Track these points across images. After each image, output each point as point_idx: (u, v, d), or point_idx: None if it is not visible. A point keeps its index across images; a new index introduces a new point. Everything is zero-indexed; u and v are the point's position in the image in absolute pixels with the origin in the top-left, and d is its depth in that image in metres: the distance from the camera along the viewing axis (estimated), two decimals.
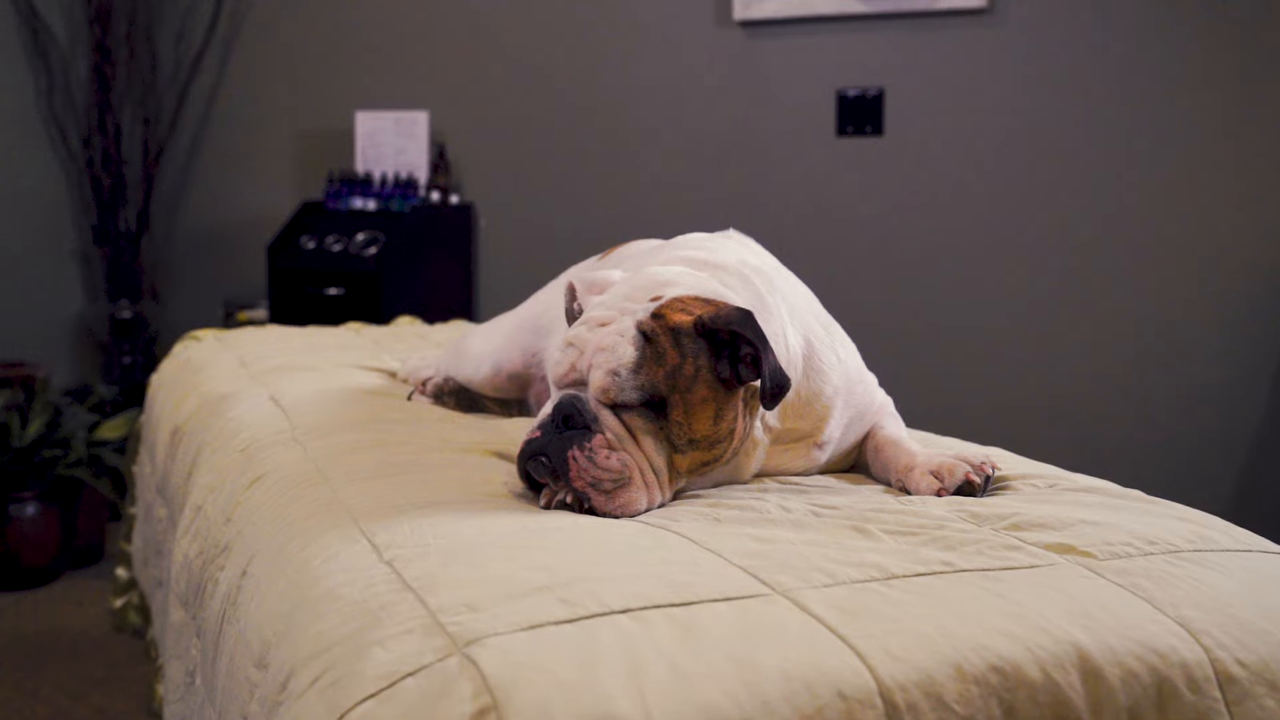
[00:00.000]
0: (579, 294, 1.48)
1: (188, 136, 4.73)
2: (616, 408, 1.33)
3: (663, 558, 1.14)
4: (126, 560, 2.72)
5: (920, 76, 3.71)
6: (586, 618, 1.00)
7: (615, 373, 1.32)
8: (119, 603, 2.73)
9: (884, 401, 1.62)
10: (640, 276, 1.45)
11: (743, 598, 1.05)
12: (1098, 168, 3.52)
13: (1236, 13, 3.34)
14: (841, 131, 3.82)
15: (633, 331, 1.34)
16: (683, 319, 1.35)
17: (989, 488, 1.44)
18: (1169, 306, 3.47)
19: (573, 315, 1.50)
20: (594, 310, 1.41)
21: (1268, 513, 3.31)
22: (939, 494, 1.41)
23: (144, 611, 2.61)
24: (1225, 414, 3.43)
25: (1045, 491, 1.42)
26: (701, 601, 1.03)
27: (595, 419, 1.33)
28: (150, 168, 4.62)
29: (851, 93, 3.79)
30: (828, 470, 1.57)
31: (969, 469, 1.42)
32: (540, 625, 0.99)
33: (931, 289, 3.72)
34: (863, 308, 3.44)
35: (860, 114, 3.80)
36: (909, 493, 1.45)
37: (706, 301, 1.38)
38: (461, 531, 1.22)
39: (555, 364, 1.39)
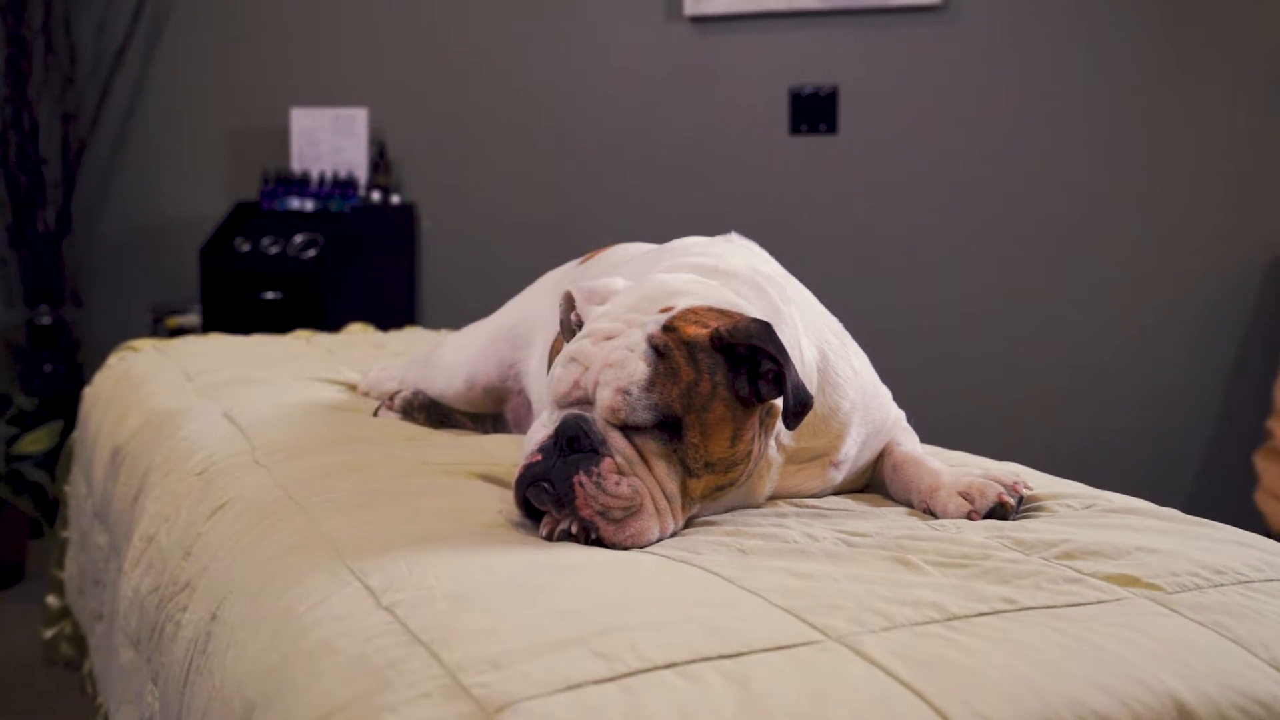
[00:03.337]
0: (578, 303, 1.36)
1: (111, 133, 4.50)
2: (626, 429, 1.22)
3: (697, 599, 1.03)
4: (58, 588, 2.54)
5: (874, 74, 3.65)
6: (628, 675, 0.89)
7: (626, 391, 1.21)
8: (49, 633, 2.55)
9: (898, 416, 1.53)
10: (646, 285, 1.33)
11: (795, 646, 0.94)
12: (1054, 166, 3.49)
13: (1199, 7, 3.31)
14: (795, 129, 3.74)
15: (643, 346, 1.23)
16: (698, 332, 1.24)
17: (1021, 509, 1.35)
18: (1128, 306, 3.44)
19: (570, 327, 1.38)
20: (597, 322, 1.29)
21: (1222, 513, 3.29)
22: (970, 517, 1.32)
23: (78, 642, 2.44)
24: (1183, 414, 3.41)
25: (1083, 513, 1.33)
26: (752, 652, 0.93)
27: (603, 441, 1.21)
28: (71, 166, 4.39)
29: (805, 90, 3.72)
30: (841, 490, 1.47)
31: (1001, 489, 1.33)
32: (579, 685, 0.87)
33: (885, 289, 3.65)
34: None
35: (814, 111, 3.73)
36: (935, 515, 1.35)
37: (721, 313, 1.28)
38: (466, 570, 1.09)
39: (556, 381, 1.27)
